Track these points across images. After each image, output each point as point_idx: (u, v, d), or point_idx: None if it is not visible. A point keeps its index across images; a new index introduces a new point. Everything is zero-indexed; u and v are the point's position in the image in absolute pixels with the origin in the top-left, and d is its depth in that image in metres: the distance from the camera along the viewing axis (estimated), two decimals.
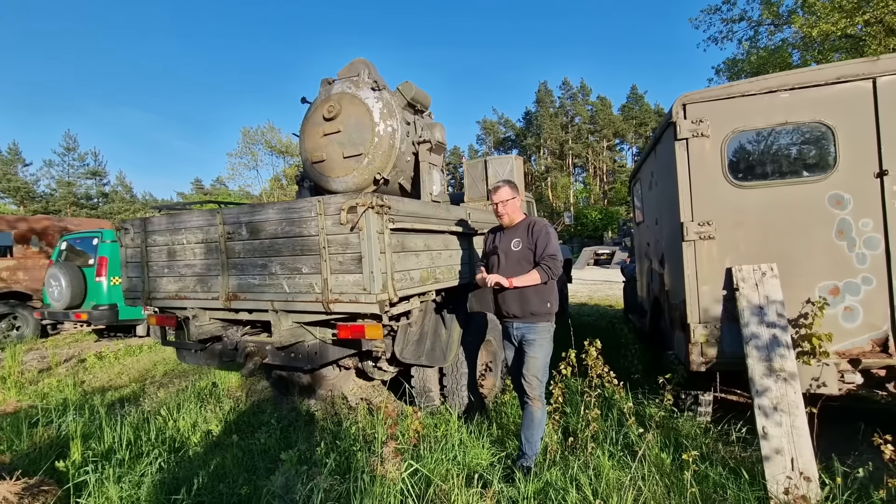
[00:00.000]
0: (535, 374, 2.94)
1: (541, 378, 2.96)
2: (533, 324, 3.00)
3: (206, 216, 3.68)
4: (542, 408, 2.95)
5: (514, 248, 3.08)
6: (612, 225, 37.39)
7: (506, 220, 3.18)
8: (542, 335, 2.99)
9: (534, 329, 3.00)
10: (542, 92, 58.88)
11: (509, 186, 3.17)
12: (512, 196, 3.14)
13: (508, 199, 3.14)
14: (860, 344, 2.94)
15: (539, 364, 2.96)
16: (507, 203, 3.14)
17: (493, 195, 3.18)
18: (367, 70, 4.56)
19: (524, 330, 3.03)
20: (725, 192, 3.13)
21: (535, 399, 2.94)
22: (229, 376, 5.66)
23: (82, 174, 44.92)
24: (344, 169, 4.42)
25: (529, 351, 2.98)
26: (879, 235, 2.89)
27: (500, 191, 3.16)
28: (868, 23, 12.36)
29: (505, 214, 3.16)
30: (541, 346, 2.98)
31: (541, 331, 2.99)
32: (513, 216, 3.16)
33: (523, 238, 3.08)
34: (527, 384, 2.96)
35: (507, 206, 3.14)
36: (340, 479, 2.60)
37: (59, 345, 9.01)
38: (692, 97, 3.17)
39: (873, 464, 2.51)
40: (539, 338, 2.98)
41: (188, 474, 3.01)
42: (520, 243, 3.07)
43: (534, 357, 2.96)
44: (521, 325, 3.04)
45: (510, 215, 3.16)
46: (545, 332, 3.01)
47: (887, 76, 2.84)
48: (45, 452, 3.43)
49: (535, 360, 2.96)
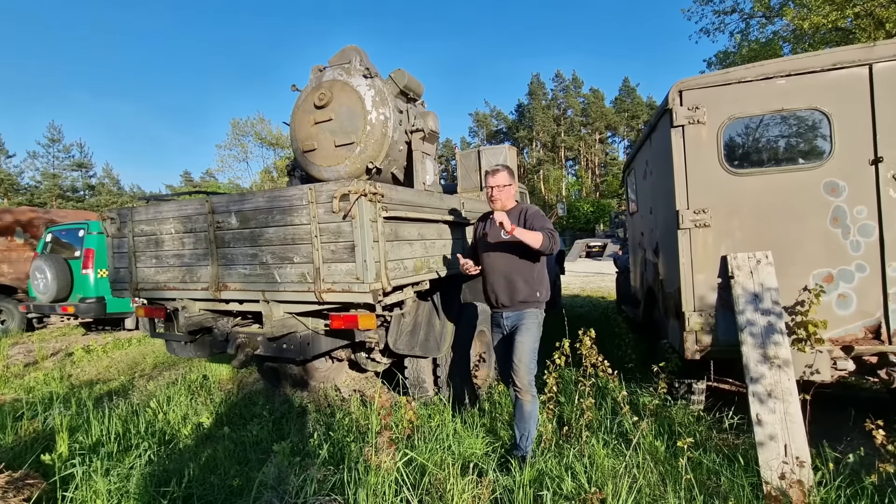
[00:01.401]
0: (522, 358, 2.85)
1: (529, 365, 2.85)
2: (522, 310, 2.96)
3: (195, 205, 3.60)
4: (532, 400, 2.86)
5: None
6: (603, 217, 37.53)
7: (498, 206, 3.08)
8: (530, 320, 2.95)
9: (523, 315, 2.96)
10: (534, 84, 58.73)
11: (507, 172, 3.07)
12: (509, 182, 3.06)
13: (505, 185, 3.05)
14: (853, 331, 2.96)
15: (526, 348, 2.87)
16: (504, 189, 3.05)
17: (490, 178, 3.07)
18: (359, 57, 4.47)
19: (514, 318, 2.99)
20: (721, 179, 3.11)
21: (523, 390, 2.84)
22: (220, 368, 5.60)
23: (68, 166, 44.13)
24: (336, 158, 4.35)
25: (518, 337, 2.92)
26: (873, 223, 2.89)
27: (498, 175, 3.05)
28: (858, 15, 12.43)
29: (498, 200, 3.06)
30: (528, 330, 2.91)
31: (529, 316, 2.95)
32: (506, 202, 3.07)
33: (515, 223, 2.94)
34: (514, 372, 2.86)
35: (503, 191, 3.05)
36: (334, 470, 2.57)
37: (45, 338, 8.86)
38: (689, 83, 3.14)
39: (864, 449, 2.53)
40: (528, 323, 2.94)
41: (178, 466, 2.96)
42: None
43: (521, 341, 2.89)
44: (510, 314, 3.00)
45: (503, 201, 3.06)
46: (533, 317, 2.96)
47: (884, 62, 2.83)
48: (31, 446, 3.36)
49: (521, 345, 2.88)
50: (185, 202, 3.72)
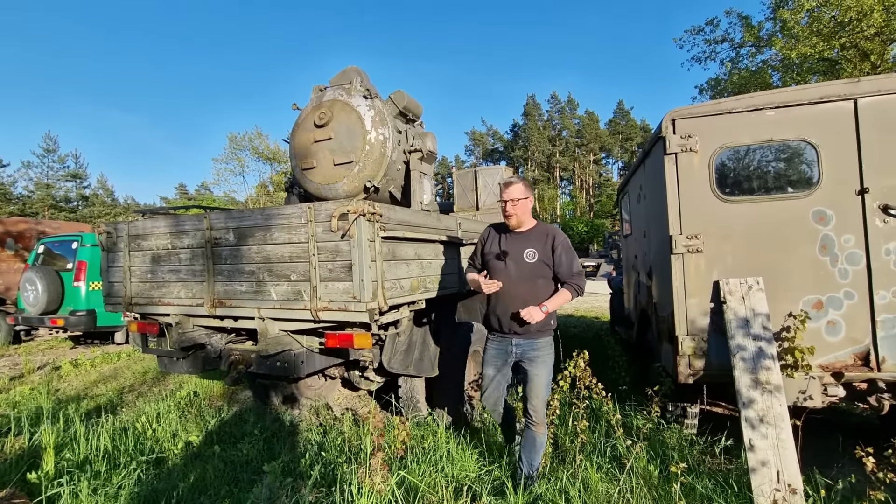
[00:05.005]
0: (539, 393, 2.73)
1: (544, 398, 2.77)
2: (536, 339, 2.78)
3: (192, 220, 3.62)
4: (545, 432, 2.79)
5: (528, 259, 2.79)
6: (597, 237, 37.81)
7: (514, 222, 2.86)
8: (546, 351, 2.80)
9: (536, 345, 2.78)
10: (530, 105, 59.69)
11: (523, 184, 2.87)
12: (525, 196, 2.83)
13: (520, 199, 2.82)
14: (843, 357, 3.00)
15: (544, 382, 2.76)
16: (518, 203, 2.82)
17: (504, 192, 2.86)
18: (360, 78, 4.56)
19: (525, 346, 2.79)
20: (713, 206, 3.18)
21: (539, 424, 2.74)
22: (211, 385, 5.53)
23: (62, 176, 43.90)
24: (334, 176, 4.39)
25: (533, 369, 2.75)
26: (861, 251, 2.96)
27: (512, 188, 2.83)
28: (844, 47, 12.85)
29: (514, 215, 2.84)
30: (544, 363, 2.77)
31: (544, 346, 2.80)
32: (522, 218, 2.86)
33: (539, 249, 2.79)
34: (532, 409, 2.73)
35: (518, 205, 2.82)
36: (326, 492, 2.54)
37: (32, 351, 8.71)
38: (681, 112, 3.23)
39: (856, 476, 2.55)
40: (543, 354, 2.78)
41: (168, 486, 2.92)
42: (535, 254, 2.79)
43: (538, 375, 2.74)
44: (522, 342, 2.80)
45: (519, 217, 2.84)
46: (548, 347, 2.82)
47: (868, 97, 2.94)
48: (16, 464, 3.28)
49: (539, 379, 2.74)
50: (183, 217, 3.73)
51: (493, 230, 3.04)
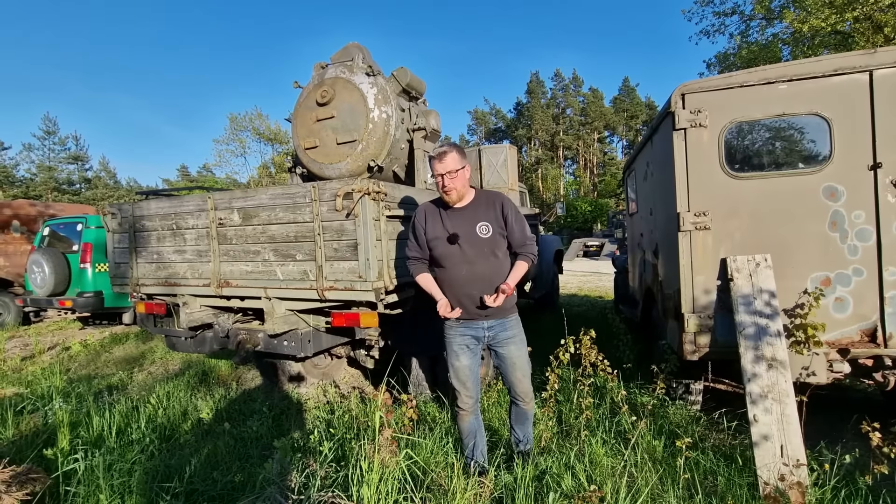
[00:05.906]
0: (526, 372, 2.65)
1: (530, 377, 2.71)
2: (507, 318, 2.59)
3: (197, 201, 3.60)
4: (534, 405, 2.78)
5: (482, 235, 2.45)
6: (601, 217, 37.64)
7: (454, 197, 2.47)
8: (518, 329, 2.64)
9: (507, 324, 2.59)
10: (533, 83, 58.69)
11: (457, 152, 2.44)
12: (462, 165, 2.43)
13: (458, 170, 2.41)
14: (849, 334, 2.99)
15: (525, 360, 2.67)
16: (458, 175, 2.42)
17: (438, 164, 2.41)
18: (362, 55, 4.48)
19: (498, 328, 2.57)
20: (722, 182, 3.14)
21: (530, 400, 2.70)
22: (219, 364, 5.61)
23: (63, 159, 43.84)
24: (337, 155, 4.36)
25: (512, 350, 2.60)
26: (871, 227, 2.92)
27: (447, 159, 2.40)
28: (857, 19, 12.49)
29: (453, 189, 2.43)
30: (522, 341, 2.66)
31: (515, 324, 2.63)
32: (462, 191, 2.48)
33: (491, 220, 2.47)
34: (523, 392, 2.65)
35: (457, 177, 2.42)
36: (336, 467, 2.58)
37: (42, 332, 8.83)
38: (691, 87, 3.16)
39: (859, 450, 2.57)
40: (516, 333, 2.63)
41: (180, 462, 2.98)
42: (488, 228, 2.46)
43: (519, 356, 2.62)
44: (493, 323, 2.56)
45: (459, 190, 2.46)
46: (519, 324, 2.67)
47: (884, 69, 2.86)
48: (32, 440, 3.36)
49: (521, 359, 2.63)
50: (188, 198, 3.72)
51: (427, 211, 2.60)
